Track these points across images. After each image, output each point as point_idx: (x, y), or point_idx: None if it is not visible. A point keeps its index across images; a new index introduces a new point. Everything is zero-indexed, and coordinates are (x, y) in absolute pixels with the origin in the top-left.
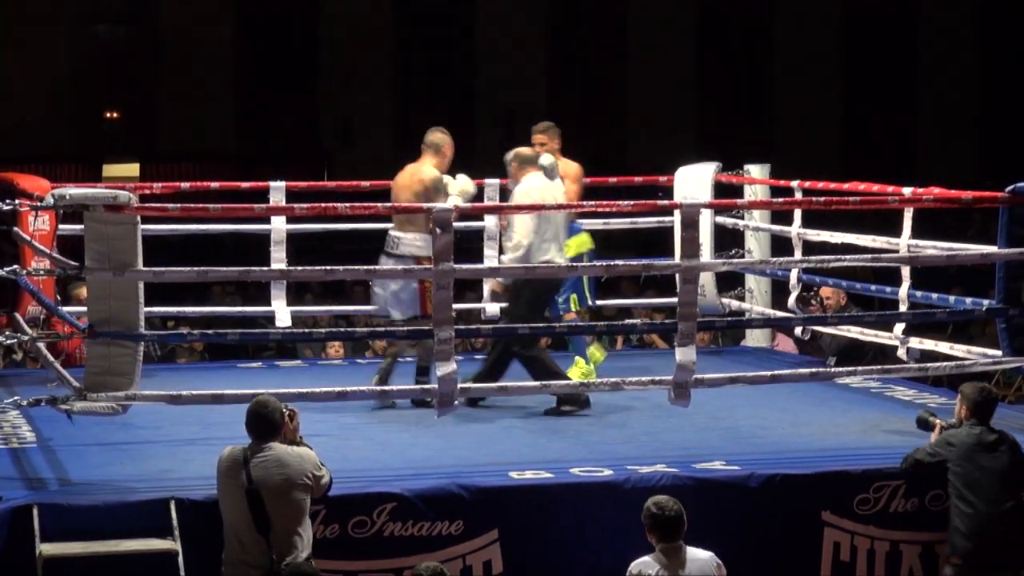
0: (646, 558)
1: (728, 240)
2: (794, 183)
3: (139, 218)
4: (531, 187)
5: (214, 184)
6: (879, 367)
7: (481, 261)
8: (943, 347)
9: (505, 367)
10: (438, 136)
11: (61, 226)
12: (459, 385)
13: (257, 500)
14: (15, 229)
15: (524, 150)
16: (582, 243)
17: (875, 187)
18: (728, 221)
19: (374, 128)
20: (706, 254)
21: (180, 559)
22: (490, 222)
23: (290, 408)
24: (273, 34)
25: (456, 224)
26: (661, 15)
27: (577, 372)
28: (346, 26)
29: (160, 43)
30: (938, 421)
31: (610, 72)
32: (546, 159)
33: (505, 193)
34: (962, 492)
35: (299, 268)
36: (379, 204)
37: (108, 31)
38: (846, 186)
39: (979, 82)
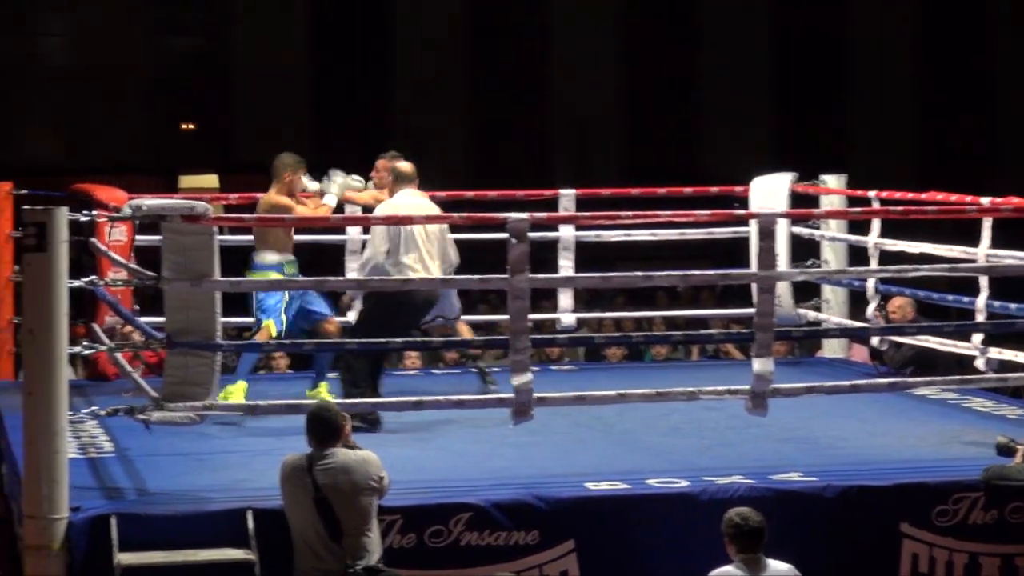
0: (726, 568)
1: (804, 250)
2: (871, 193)
3: (216, 228)
4: (400, 203)
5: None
6: (958, 378)
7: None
8: (1023, 357)
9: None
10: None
11: (138, 237)
12: (535, 395)
13: (326, 507)
14: (92, 240)
15: (403, 165)
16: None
17: (953, 196)
18: (804, 231)
19: (447, 141)
20: (782, 264)
21: (257, 569)
22: (566, 233)
23: (343, 413)
24: (347, 47)
25: (531, 234)
26: (736, 24)
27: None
28: (420, 39)
29: (235, 56)
30: (1020, 447)
31: (684, 82)
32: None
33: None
34: None
35: (375, 279)
36: (456, 215)
37: (184, 44)
38: (923, 196)
39: None
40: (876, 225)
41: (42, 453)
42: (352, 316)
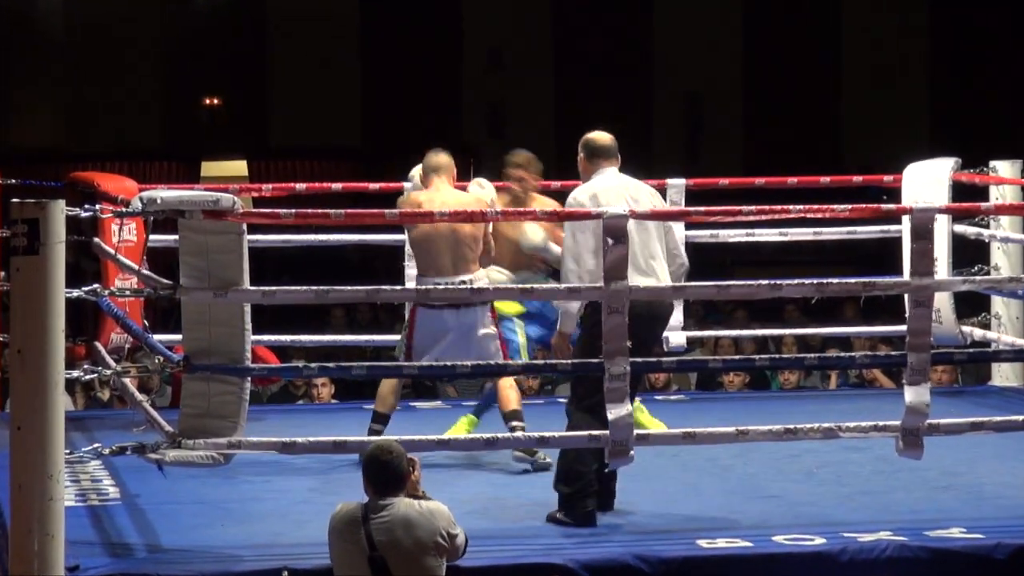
0: None
1: (970, 254)
2: None
3: (245, 227)
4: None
5: (336, 185)
6: None
7: None
8: None
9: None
10: (447, 158)
11: (152, 236)
12: (635, 432)
13: (382, 569)
14: (96, 240)
15: (600, 135)
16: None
17: None
18: (970, 230)
19: (530, 116)
20: (942, 270)
21: None
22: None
23: (410, 456)
24: (408, 5)
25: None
26: None
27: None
28: None
29: (270, 16)
30: None
31: (821, 47)
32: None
33: None
34: None
35: (437, 287)
36: (537, 210)
37: (208, 2)
38: None
39: None
40: None
41: (33, 500)
42: None
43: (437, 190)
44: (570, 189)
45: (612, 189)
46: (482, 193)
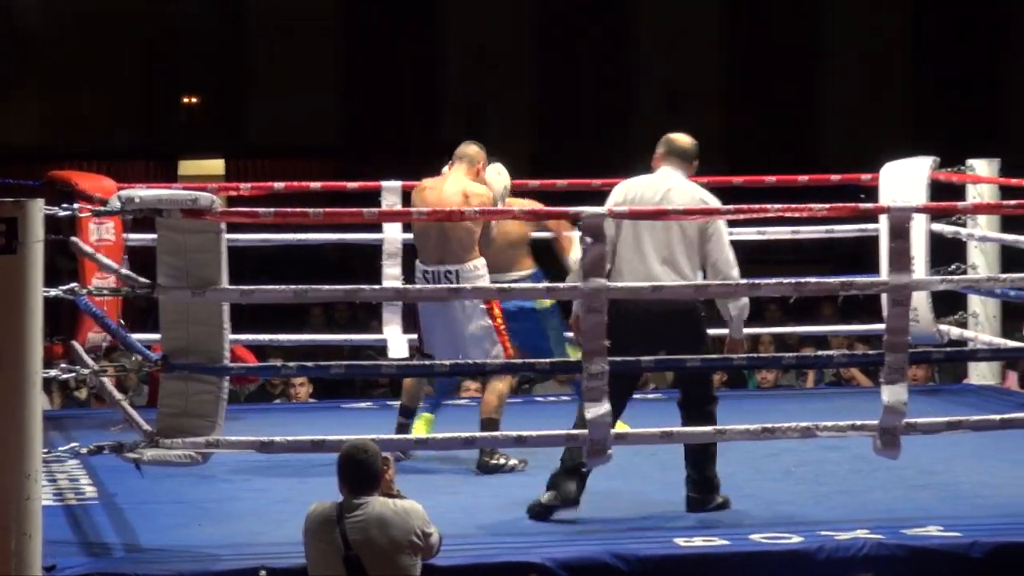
0: None
1: (947, 253)
2: None
3: (224, 225)
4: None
5: (315, 184)
6: None
7: None
8: None
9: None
10: (475, 149)
11: (129, 235)
12: (612, 431)
13: (357, 568)
14: (74, 239)
15: (679, 137)
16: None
17: None
18: (947, 229)
19: (511, 116)
20: (920, 269)
21: None
22: None
23: (385, 455)
24: (388, 4)
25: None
26: None
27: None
28: None
29: (250, 13)
30: None
31: (798, 47)
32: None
33: None
34: None
35: (417, 287)
36: (516, 208)
37: (187, 1)
38: None
39: None
40: None
41: (10, 500)
42: None
43: (444, 179)
44: (549, 189)
45: (641, 185)
46: (492, 180)
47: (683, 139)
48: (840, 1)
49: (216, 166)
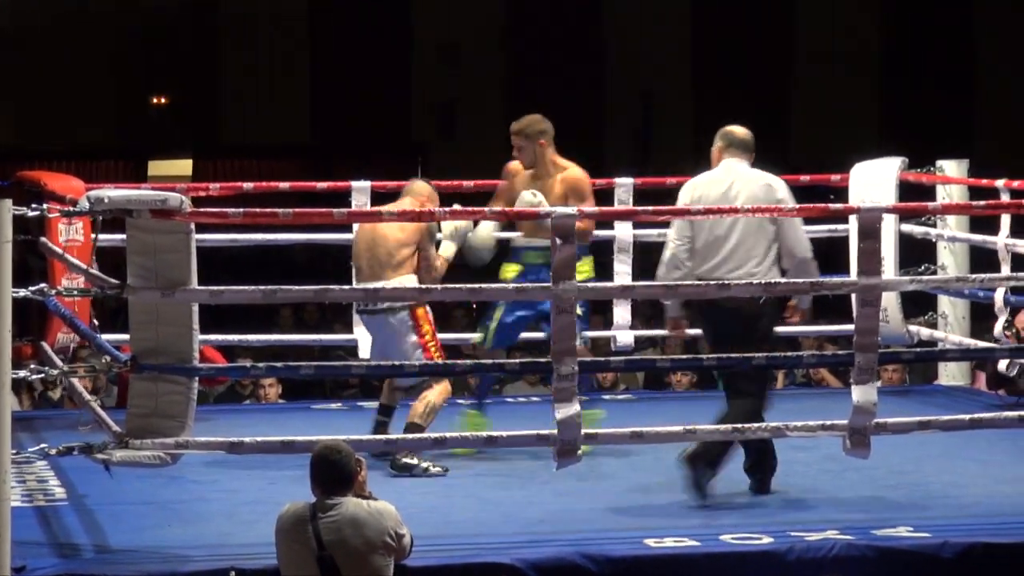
0: None
1: (917, 253)
2: (999, 182)
3: (193, 226)
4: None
5: (284, 184)
6: None
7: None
8: None
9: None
10: (421, 185)
11: (99, 236)
12: (583, 431)
13: (331, 568)
14: (43, 240)
15: (737, 129)
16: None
17: None
18: (917, 230)
19: (480, 115)
20: (889, 270)
21: None
22: (622, 231)
23: (358, 457)
24: (358, 3)
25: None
26: None
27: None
28: None
29: (220, 13)
30: None
31: (772, 46)
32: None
33: None
34: None
35: (387, 287)
36: (486, 208)
37: (158, 1)
38: None
39: None
40: (1006, 222)
41: None
42: None
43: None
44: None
45: (706, 183)
46: (530, 199)
47: (741, 131)
48: (811, 2)
49: (184, 167)
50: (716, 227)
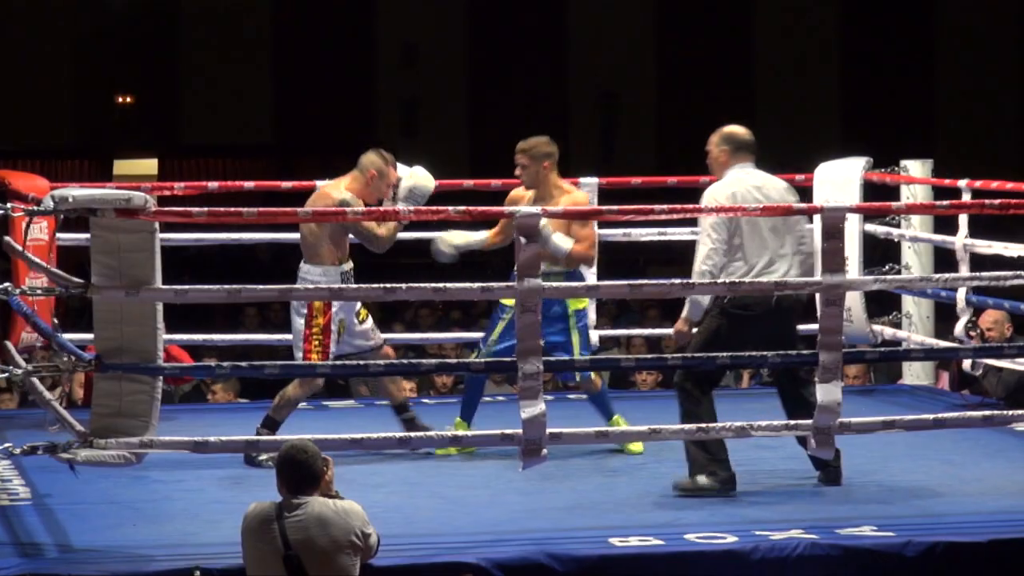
0: None
1: (880, 253)
2: (962, 183)
3: (158, 225)
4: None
5: (248, 184)
6: None
7: None
8: None
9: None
10: (369, 158)
11: (62, 235)
12: (548, 430)
13: (297, 568)
14: (6, 239)
15: (739, 130)
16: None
17: None
18: (880, 230)
19: (444, 115)
20: (853, 270)
21: None
22: None
23: (324, 456)
24: (321, 2)
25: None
26: None
27: None
28: None
29: (183, 13)
30: None
31: (734, 47)
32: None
33: None
34: None
35: (352, 286)
36: (450, 208)
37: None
38: None
39: None
40: (964, 222)
41: None
42: None
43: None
44: (483, 189)
45: (745, 189)
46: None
47: (743, 131)
48: (772, 2)
49: (149, 166)
50: (769, 230)
